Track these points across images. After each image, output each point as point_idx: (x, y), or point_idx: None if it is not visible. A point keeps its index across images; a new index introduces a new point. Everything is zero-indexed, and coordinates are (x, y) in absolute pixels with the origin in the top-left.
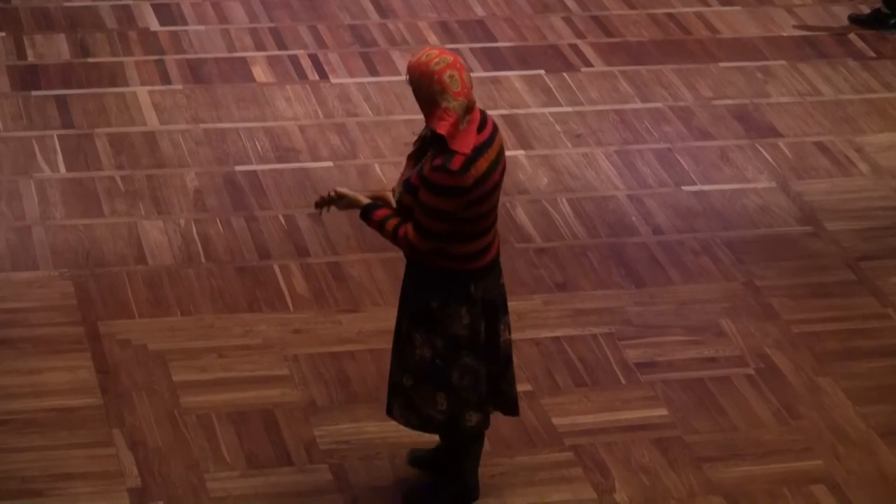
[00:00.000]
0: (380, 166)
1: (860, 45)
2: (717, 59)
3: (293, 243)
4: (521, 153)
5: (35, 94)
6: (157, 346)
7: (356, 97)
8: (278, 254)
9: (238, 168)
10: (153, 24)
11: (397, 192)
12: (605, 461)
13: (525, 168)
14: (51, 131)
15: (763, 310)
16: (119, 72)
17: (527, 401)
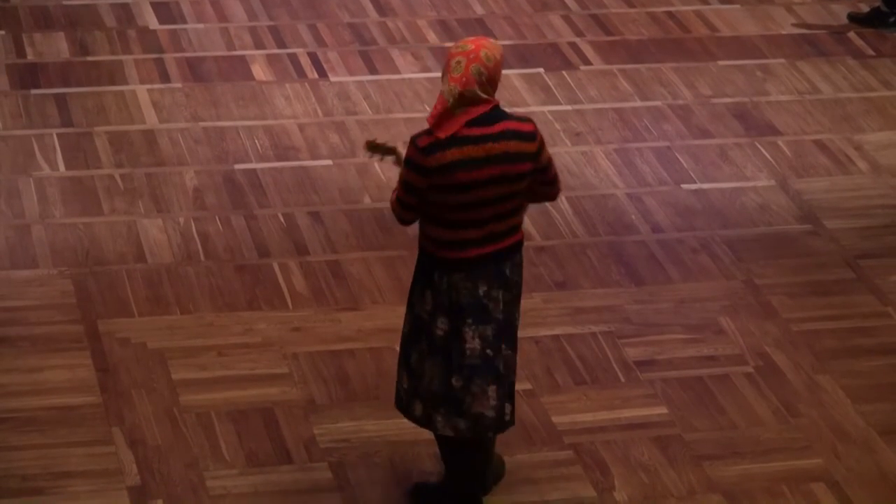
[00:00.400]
0: (379, 165)
1: (859, 43)
2: (717, 58)
3: (292, 241)
4: None
5: (34, 92)
6: (157, 344)
7: (355, 95)
8: (278, 252)
9: (237, 166)
10: (152, 22)
11: None
12: (604, 459)
13: None
14: (50, 130)
15: (762, 308)
16: (118, 70)
17: (526, 399)
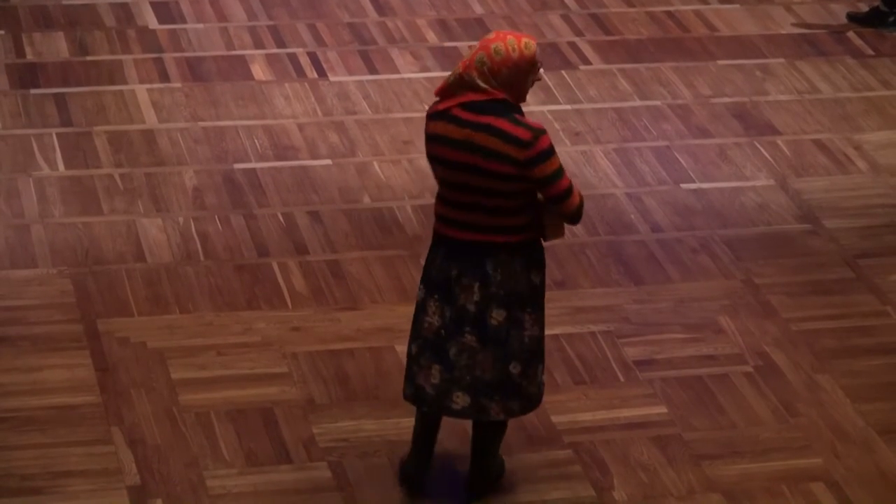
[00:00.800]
0: (378, 164)
1: (859, 42)
2: (716, 57)
3: (292, 241)
4: None
5: (34, 92)
6: (156, 343)
7: (355, 95)
8: (277, 251)
9: (237, 166)
10: (152, 22)
11: None
12: (603, 459)
13: None
14: (49, 129)
15: (762, 307)
16: (118, 70)
17: None
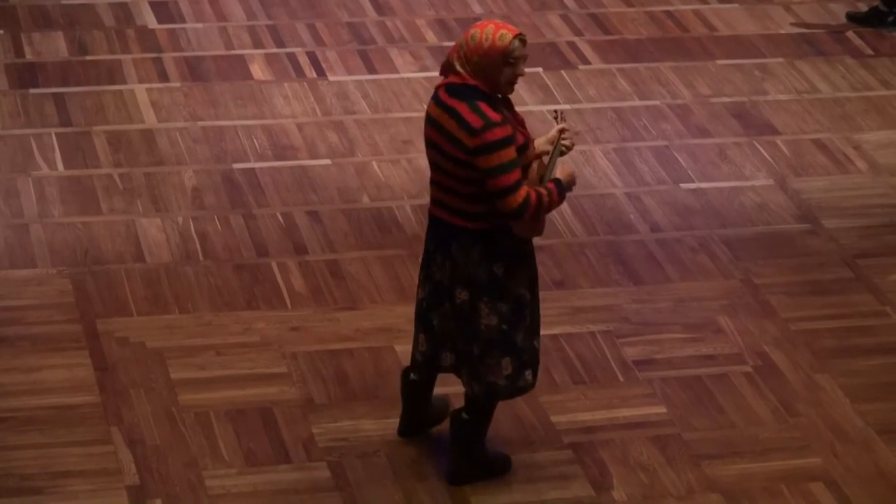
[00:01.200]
0: (378, 164)
1: (858, 42)
2: (715, 57)
3: (291, 241)
4: None
5: (33, 91)
6: (156, 343)
7: (354, 95)
8: (276, 251)
9: (236, 166)
10: (151, 21)
11: None
12: (603, 459)
13: None
14: (49, 129)
15: (761, 307)
16: (117, 69)
17: (525, 398)
